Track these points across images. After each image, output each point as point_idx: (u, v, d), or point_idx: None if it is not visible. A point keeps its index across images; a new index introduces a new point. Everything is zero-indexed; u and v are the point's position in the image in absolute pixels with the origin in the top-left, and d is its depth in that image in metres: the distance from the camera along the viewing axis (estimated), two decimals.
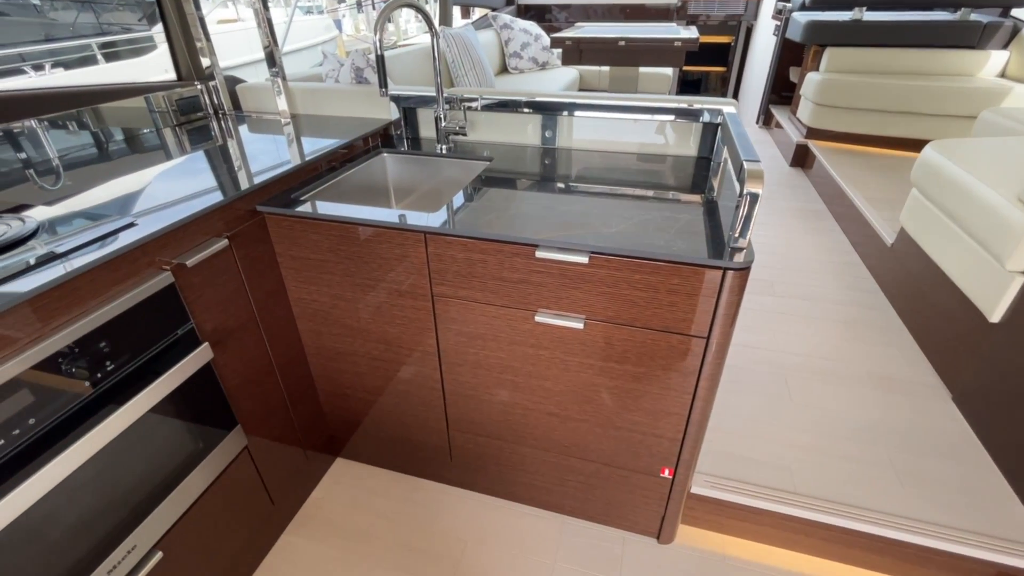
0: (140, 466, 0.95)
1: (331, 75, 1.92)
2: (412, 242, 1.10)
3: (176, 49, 1.76)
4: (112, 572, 0.93)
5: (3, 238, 0.86)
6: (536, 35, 4.18)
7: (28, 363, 0.75)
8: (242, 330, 1.18)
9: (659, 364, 1.08)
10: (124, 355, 0.90)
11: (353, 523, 1.50)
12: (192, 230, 1.01)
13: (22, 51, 5.27)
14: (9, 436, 0.74)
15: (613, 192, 1.21)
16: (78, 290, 0.82)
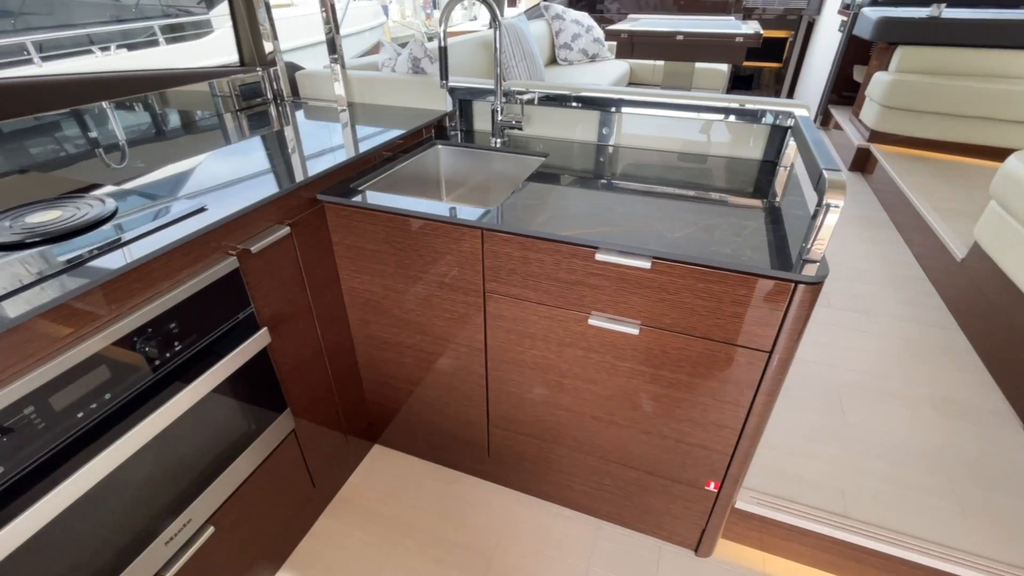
0: (198, 443, 0.99)
1: (387, 64, 1.93)
2: (469, 237, 1.10)
3: (240, 34, 1.80)
4: (169, 543, 0.97)
5: (87, 218, 0.90)
6: (588, 26, 4.11)
7: (108, 340, 0.78)
8: (297, 316, 1.20)
9: (715, 375, 1.05)
10: (191, 336, 0.93)
11: (389, 511, 1.52)
12: (257, 217, 1.03)
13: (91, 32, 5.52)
14: (87, 409, 0.78)
15: (674, 194, 1.17)
16: (152, 272, 0.85)
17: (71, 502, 0.75)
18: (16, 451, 0.70)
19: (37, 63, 4.47)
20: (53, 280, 0.74)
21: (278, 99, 1.84)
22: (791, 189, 1.20)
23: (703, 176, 1.28)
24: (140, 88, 1.48)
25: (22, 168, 1.16)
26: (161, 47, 5.53)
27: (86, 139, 1.32)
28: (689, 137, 1.44)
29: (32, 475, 0.72)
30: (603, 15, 5.19)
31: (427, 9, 11.39)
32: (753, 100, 1.34)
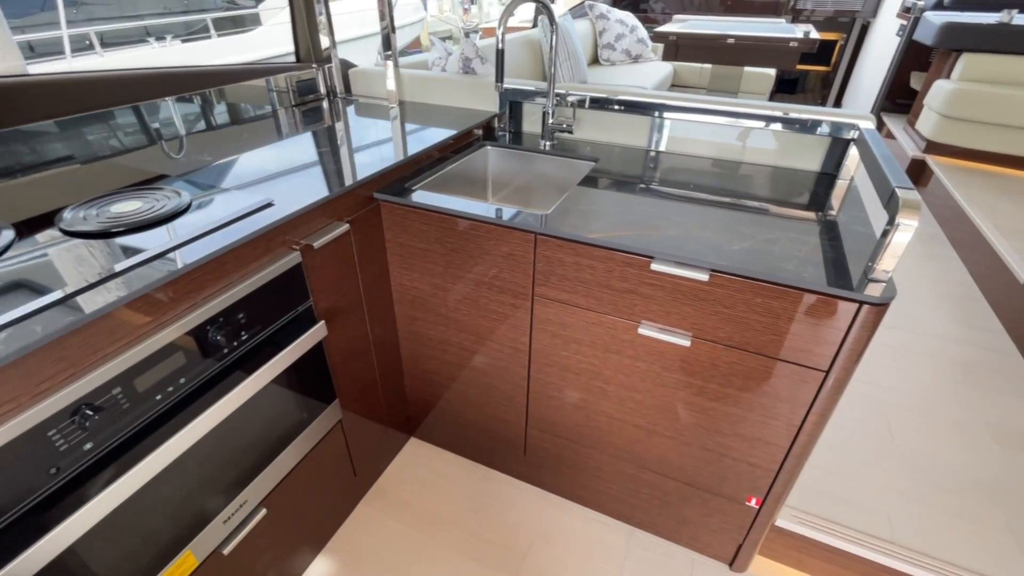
0: (257, 429, 1.03)
1: (437, 63, 1.95)
2: (521, 242, 1.11)
3: (298, 31, 1.84)
4: (227, 522, 1.01)
5: (165, 209, 0.95)
6: (632, 27, 4.06)
7: (185, 328, 0.82)
8: (349, 311, 1.23)
9: (766, 392, 1.03)
10: (256, 327, 0.97)
11: (424, 503, 1.55)
12: (319, 213, 1.06)
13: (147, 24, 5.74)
14: (165, 392, 0.82)
15: (729, 204, 1.15)
16: (225, 264, 0.89)
17: (151, 477, 0.79)
18: (104, 428, 0.75)
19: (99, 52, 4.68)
20: (139, 269, 0.79)
21: (331, 95, 1.89)
22: (851, 203, 1.17)
23: (759, 186, 1.26)
24: (202, 84, 1.53)
25: (96, 157, 1.22)
26: (212, 39, 5.71)
27: (151, 131, 1.38)
28: (744, 145, 1.42)
29: (116, 451, 0.77)
30: (647, 15, 5.12)
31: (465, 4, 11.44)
32: (814, 111, 1.31)
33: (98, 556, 0.78)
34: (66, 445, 0.71)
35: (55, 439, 0.69)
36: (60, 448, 0.70)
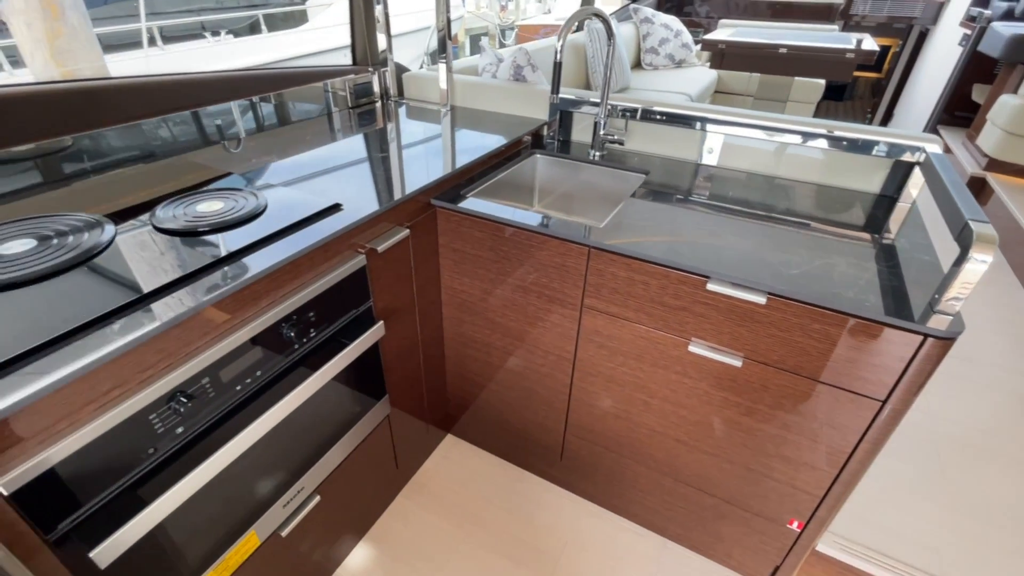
0: (316, 421, 1.08)
1: (488, 69, 1.98)
2: (575, 254, 1.13)
3: (356, 35, 1.90)
4: (286, 506, 1.07)
5: (244, 211, 1.01)
6: (677, 31, 4.01)
7: (264, 325, 0.88)
8: (403, 311, 1.28)
9: (817, 417, 1.03)
10: (323, 325, 1.02)
11: (460, 499, 1.60)
12: (383, 219, 1.11)
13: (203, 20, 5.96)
14: (244, 383, 0.88)
15: (786, 223, 1.15)
16: (300, 265, 0.94)
17: (230, 461, 0.85)
18: (194, 415, 0.81)
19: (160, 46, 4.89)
20: (226, 268, 0.84)
21: (384, 97, 1.95)
22: (912, 228, 1.15)
23: (815, 205, 1.25)
24: (265, 86, 1.60)
25: (171, 153, 1.30)
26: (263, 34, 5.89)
27: (219, 131, 1.46)
28: (800, 163, 1.40)
29: (202, 436, 0.83)
30: (691, 18, 5.04)
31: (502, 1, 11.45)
32: (877, 132, 1.29)
33: (180, 532, 0.84)
34: (163, 428, 0.77)
35: (154, 422, 0.75)
36: (158, 431, 0.76)
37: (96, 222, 0.95)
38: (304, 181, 1.20)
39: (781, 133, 1.38)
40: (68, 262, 0.84)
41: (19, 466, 0.62)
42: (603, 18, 1.37)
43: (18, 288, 0.78)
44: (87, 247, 0.88)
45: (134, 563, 0.79)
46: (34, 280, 0.80)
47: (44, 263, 0.83)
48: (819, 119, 1.36)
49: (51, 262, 0.83)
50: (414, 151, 1.42)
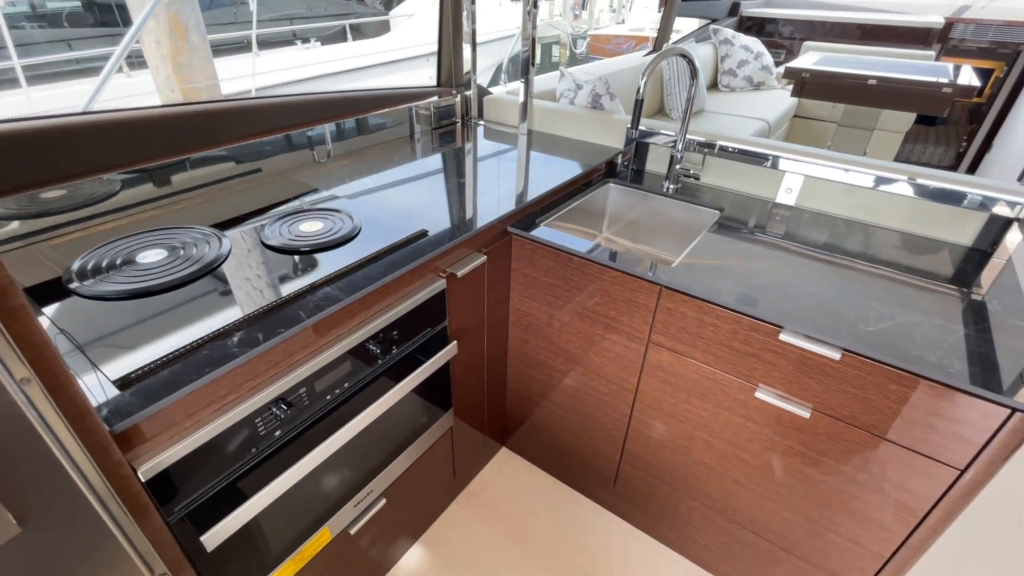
0: (390, 429, 1.17)
1: (566, 95, 2.04)
2: (645, 290, 1.16)
3: (443, 59, 1.99)
4: (356, 506, 1.16)
5: (341, 233, 1.10)
6: (757, 53, 3.91)
7: (355, 341, 0.96)
8: (473, 330, 1.35)
9: (888, 477, 1.00)
10: (404, 343, 1.10)
11: (512, 512, 1.64)
12: (463, 245, 1.18)
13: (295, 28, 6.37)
14: (334, 394, 0.97)
15: (866, 273, 1.12)
16: (389, 287, 1.02)
17: (318, 463, 0.94)
18: (291, 420, 0.90)
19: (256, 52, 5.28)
20: (328, 288, 0.94)
21: (465, 118, 2.04)
22: (1005, 288, 1.10)
23: (899, 255, 1.21)
24: (356, 108, 1.71)
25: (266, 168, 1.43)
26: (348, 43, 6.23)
27: (312, 148, 1.58)
28: (883, 207, 1.36)
29: (296, 439, 0.93)
30: (773, 39, 4.89)
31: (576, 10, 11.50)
32: (970, 182, 1.23)
33: (269, 524, 0.94)
34: (264, 431, 0.86)
35: (259, 425, 0.85)
36: (261, 433, 0.86)
37: (214, 236, 1.07)
38: (389, 198, 1.29)
39: (861, 174, 1.34)
40: (193, 274, 0.95)
41: (154, 457, 0.72)
42: (688, 59, 1.38)
43: (155, 295, 0.90)
44: (208, 260, 1.00)
45: (231, 550, 0.89)
46: (168, 288, 0.92)
47: (174, 273, 0.95)
48: (904, 164, 1.31)
49: (179, 273, 0.95)
50: (493, 176, 1.49)
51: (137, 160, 1.17)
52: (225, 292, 0.91)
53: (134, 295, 0.89)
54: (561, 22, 10.67)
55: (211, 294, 0.90)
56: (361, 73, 5.59)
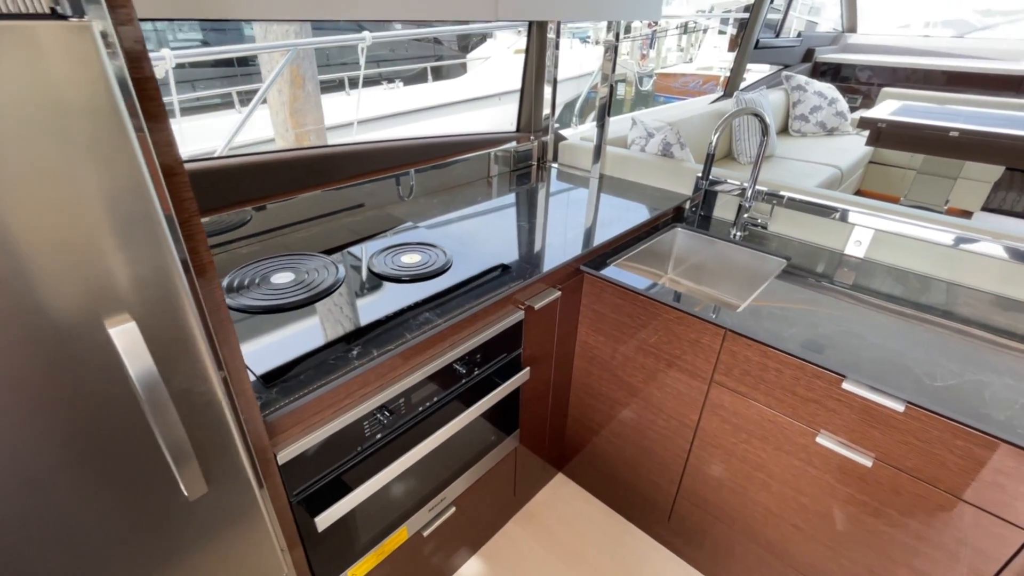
0: (464, 443, 1.29)
1: (637, 142, 2.16)
2: (711, 333, 1.23)
3: (524, 104, 2.17)
4: (430, 511, 1.28)
5: (436, 266, 1.26)
6: (831, 99, 3.89)
7: (446, 361, 1.10)
8: (542, 360, 1.46)
9: (953, 534, 1.01)
10: (484, 366, 1.23)
11: (567, 536, 1.71)
12: (540, 281, 1.31)
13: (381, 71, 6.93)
14: (424, 406, 1.11)
15: (937, 329, 1.14)
16: (476, 315, 1.16)
17: (408, 466, 1.08)
18: (391, 425, 1.05)
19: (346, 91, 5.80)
20: (428, 313, 1.09)
21: (540, 161, 2.20)
22: None
23: (973, 313, 1.22)
24: (444, 152, 1.90)
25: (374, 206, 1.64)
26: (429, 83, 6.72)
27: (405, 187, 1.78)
28: (957, 263, 1.36)
29: (392, 443, 1.07)
30: (849, 83, 4.82)
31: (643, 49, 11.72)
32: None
33: (362, 516, 1.08)
34: (369, 432, 1.01)
35: (366, 427, 1.00)
36: (366, 434, 1.01)
37: (332, 263, 1.26)
38: (474, 234, 1.45)
39: (934, 230, 1.36)
40: (316, 296, 1.14)
41: (289, 445, 0.88)
42: (760, 117, 1.47)
43: (287, 311, 1.08)
44: (327, 284, 1.18)
45: (331, 535, 1.03)
46: (297, 307, 1.10)
47: (301, 295, 1.14)
48: (981, 227, 1.32)
49: (306, 294, 1.14)
50: (567, 217, 1.62)
51: (270, 195, 1.40)
52: (342, 312, 1.08)
53: (272, 310, 1.08)
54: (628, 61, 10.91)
55: (332, 313, 1.08)
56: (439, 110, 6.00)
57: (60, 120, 0.46)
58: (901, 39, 4.80)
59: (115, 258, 0.53)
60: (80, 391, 0.56)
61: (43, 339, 0.51)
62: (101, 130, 0.48)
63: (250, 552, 0.84)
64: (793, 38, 4.28)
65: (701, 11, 12.62)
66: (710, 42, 11.39)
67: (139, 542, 0.68)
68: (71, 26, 0.45)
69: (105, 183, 0.50)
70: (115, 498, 0.63)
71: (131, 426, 0.61)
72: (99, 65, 0.46)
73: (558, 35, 2.02)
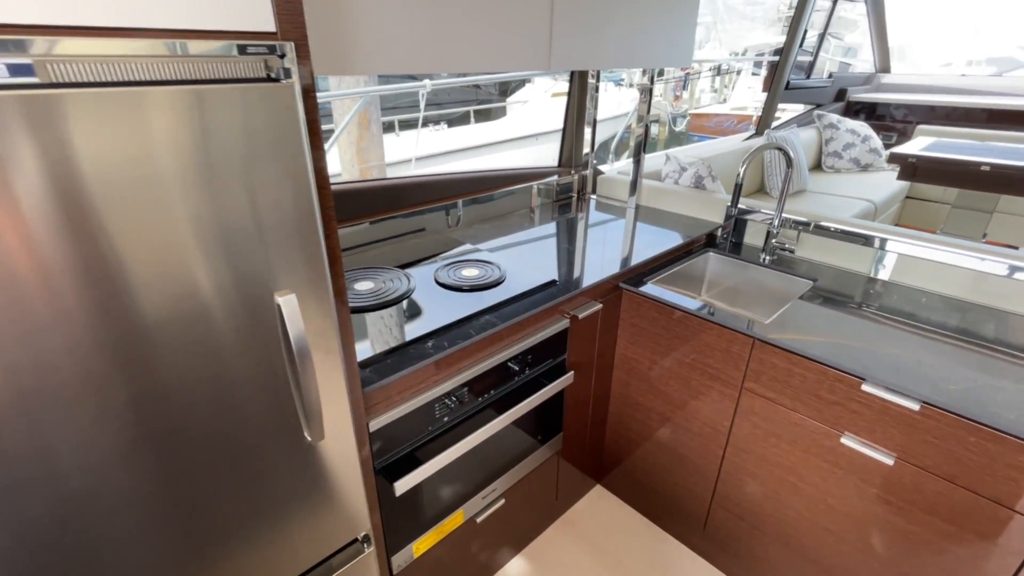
0: (513, 438, 1.43)
1: (671, 176, 2.33)
2: (740, 342, 1.36)
3: (566, 142, 2.39)
4: (484, 499, 1.42)
5: (492, 278, 1.45)
6: (864, 136, 3.99)
7: (501, 359, 1.27)
8: (584, 367, 1.61)
9: (974, 530, 1.08)
10: (534, 367, 1.39)
11: (606, 544, 1.79)
12: (584, 294, 1.47)
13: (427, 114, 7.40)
14: (482, 397, 1.27)
15: (956, 344, 1.23)
16: (527, 321, 1.33)
17: (468, 449, 1.23)
18: (456, 411, 1.21)
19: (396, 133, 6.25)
20: (488, 316, 1.26)
21: (580, 193, 2.40)
22: None
23: (992, 331, 1.30)
24: (494, 184, 2.12)
25: (435, 230, 1.85)
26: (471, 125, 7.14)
27: (458, 214, 1.99)
28: (979, 288, 1.45)
29: (456, 426, 1.23)
30: (884, 122, 4.89)
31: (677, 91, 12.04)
32: None
33: (428, 492, 1.23)
34: (438, 415, 1.18)
35: (436, 410, 1.17)
36: (436, 416, 1.17)
37: (404, 275, 1.46)
38: (522, 254, 1.63)
39: (961, 256, 1.46)
40: (392, 300, 1.33)
41: (378, 416, 1.06)
42: (784, 151, 1.63)
43: (369, 312, 1.28)
44: (401, 292, 1.37)
45: (401, 507, 1.19)
46: (378, 308, 1.30)
47: (381, 299, 1.33)
48: (1010, 254, 1.41)
49: (384, 299, 1.34)
50: (606, 241, 1.79)
51: (346, 220, 1.63)
52: (415, 314, 1.27)
53: (357, 311, 1.28)
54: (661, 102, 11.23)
55: (407, 314, 1.27)
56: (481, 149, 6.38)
57: (271, 146, 0.67)
58: (935, 78, 4.87)
59: (288, 244, 0.73)
60: (250, 346, 0.75)
61: (235, 303, 0.71)
62: (294, 154, 0.69)
63: (343, 507, 1.01)
64: (824, 79, 4.42)
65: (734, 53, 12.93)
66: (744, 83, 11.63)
67: (259, 482, 0.86)
68: (282, 85, 0.66)
69: (290, 190, 0.71)
70: (257, 435, 0.82)
71: (277, 376, 0.80)
72: (296, 110, 0.68)
73: (598, 80, 2.25)
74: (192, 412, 0.73)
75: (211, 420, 0.75)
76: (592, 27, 1.39)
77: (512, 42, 1.20)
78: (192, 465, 0.75)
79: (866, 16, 4.58)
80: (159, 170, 0.60)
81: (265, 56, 0.66)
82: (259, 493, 0.86)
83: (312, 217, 0.74)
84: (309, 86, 0.71)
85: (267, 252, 0.72)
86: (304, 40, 0.69)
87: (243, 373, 0.76)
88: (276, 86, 0.66)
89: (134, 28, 0.57)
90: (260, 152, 0.67)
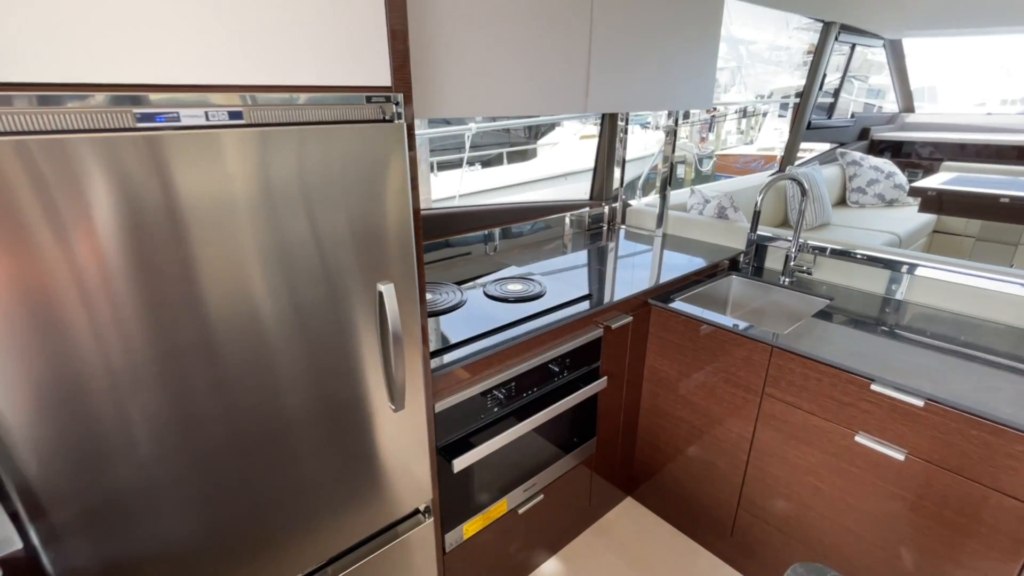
0: (552, 435, 1.58)
1: (695, 207, 2.51)
2: (760, 351, 1.49)
3: (597, 176, 2.60)
4: (525, 491, 1.56)
5: (534, 291, 1.64)
6: (888, 173, 4.10)
7: (543, 360, 1.44)
8: (616, 376, 1.76)
9: (983, 521, 1.16)
10: (572, 370, 1.55)
11: (639, 551, 1.88)
12: (615, 307, 1.64)
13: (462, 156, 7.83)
14: (525, 393, 1.44)
15: (963, 354, 1.35)
16: (564, 327, 1.50)
17: (514, 439, 1.39)
18: (504, 403, 1.38)
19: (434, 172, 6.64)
20: (532, 322, 1.45)
21: (610, 223, 2.59)
22: None
23: (996, 342, 1.41)
24: (532, 214, 2.34)
25: (478, 254, 2.06)
26: (504, 166, 7.52)
27: (499, 240, 2.21)
28: (989, 307, 1.56)
29: (503, 417, 1.40)
30: (910, 159, 4.98)
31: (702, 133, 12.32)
32: None
33: (478, 476, 1.39)
34: (488, 405, 1.35)
35: (488, 400, 1.34)
36: (488, 406, 1.35)
37: (457, 289, 1.67)
38: (559, 274, 1.82)
39: (973, 277, 1.57)
40: (451, 307, 1.53)
41: (442, 400, 1.24)
42: (798, 181, 1.80)
43: (431, 316, 1.48)
44: (456, 301, 1.58)
45: (455, 488, 1.35)
46: (439, 313, 1.50)
47: (440, 306, 1.54)
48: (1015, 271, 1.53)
49: (444, 307, 1.54)
50: (635, 265, 1.97)
51: None
52: (470, 318, 1.47)
53: None
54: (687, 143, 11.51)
55: (467, 318, 1.46)
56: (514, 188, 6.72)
57: (384, 170, 0.90)
58: (962, 117, 4.97)
59: (391, 245, 0.94)
60: (355, 327, 0.96)
61: (352, 288, 0.92)
62: (401, 176, 0.91)
63: (411, 475, 1.18)
64: (847, 119, 4.59)
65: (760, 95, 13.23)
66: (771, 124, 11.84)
67: (352, 437, 1.04)
68: (395, 125, 0.89)
69: (396, 204, 0.92)
70: (353, 398, 1.01)
71: (367, 354, 1.00)
72: (404, 146, 0.90)
73: (627, 122, 2.48)
74: (318, 377, 0.93)
75: (329, 381, 0.95)
76: (622, 73, 1.62)
77: (557, 88, 1.43)
78: (306, 416, 0.95)
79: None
80: (307, 186, 0.83)
81: (382, 104, 0.89)
82: (349, 449, 1.05)
83: (408, 227, 0.96)
84: (411, 125, 0.94)
85: (377, 249, 0.93)
86: (410, 91, 0.92)
87: (351, 346, 0.96)
88: (390, 126, 0.89)
89: (305, 86, 0.80)
90: (377, 174, 0.89)
